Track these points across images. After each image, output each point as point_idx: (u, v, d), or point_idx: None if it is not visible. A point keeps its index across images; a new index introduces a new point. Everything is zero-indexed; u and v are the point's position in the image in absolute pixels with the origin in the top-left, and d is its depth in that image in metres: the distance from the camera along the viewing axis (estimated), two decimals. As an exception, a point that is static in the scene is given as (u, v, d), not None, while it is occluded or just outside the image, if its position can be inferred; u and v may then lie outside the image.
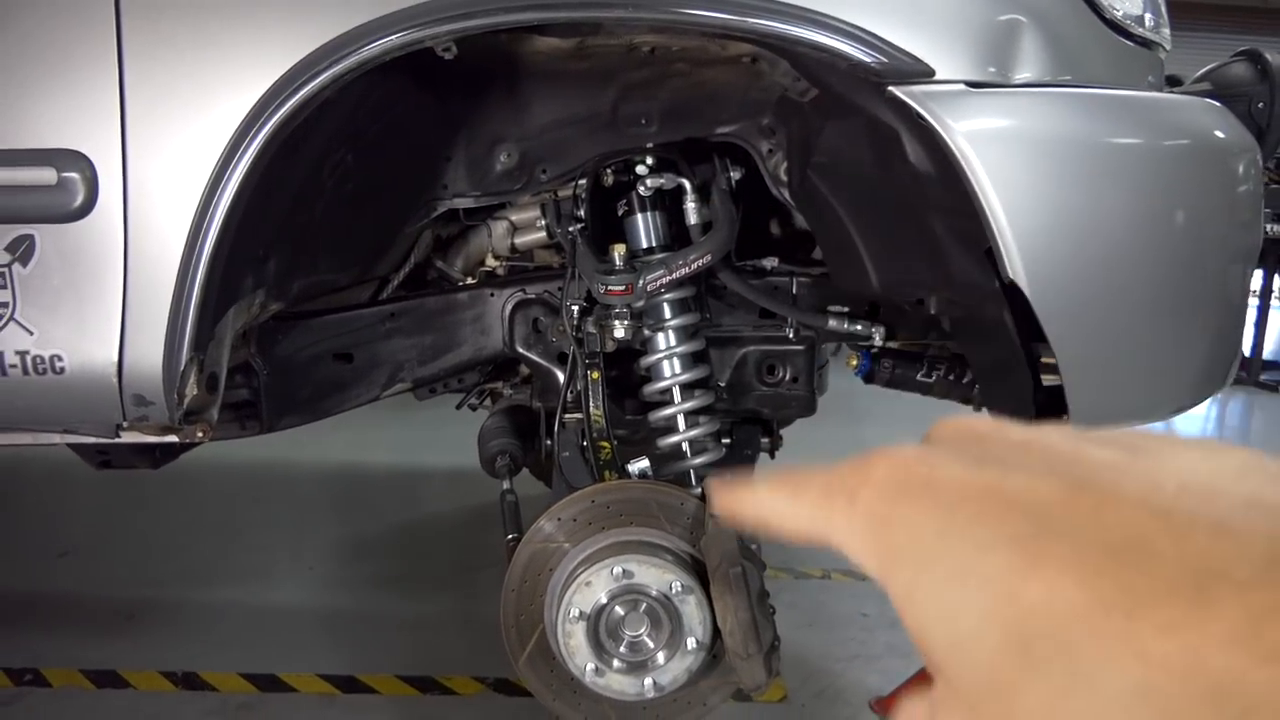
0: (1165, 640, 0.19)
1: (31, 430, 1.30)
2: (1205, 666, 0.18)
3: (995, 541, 0.22)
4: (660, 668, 1.28)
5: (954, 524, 0.23)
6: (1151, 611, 0.19)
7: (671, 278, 1.48)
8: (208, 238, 1.15)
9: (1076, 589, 0.20)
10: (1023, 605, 0.21)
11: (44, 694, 2.19)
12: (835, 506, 0.27)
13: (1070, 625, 0.20)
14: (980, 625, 0.22)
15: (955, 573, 0.23)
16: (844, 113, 1.41)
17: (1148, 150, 1.24)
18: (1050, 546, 0.21)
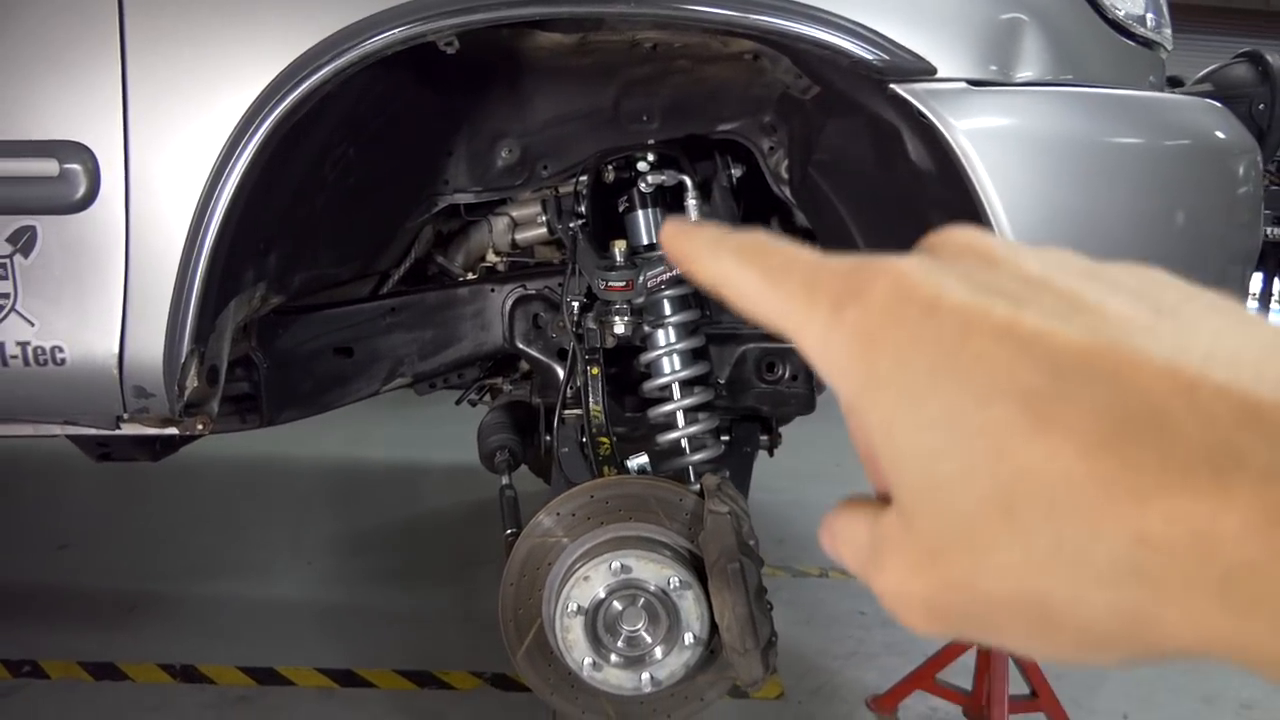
0: (1171, 525, 0.18)
1: (32, 421, 1.30)
2: (1214, 555, 0.17)
3: (999, 393, 0.21)
4: (658, 662, 1.29)
5: (955, 361, 0.21)
6: (1159, 497, 0.18)
7: (672, 274, 1.48)
8: (209, 230, 1.16)
9: (1078, 459, 0.19)
10: (1017, 464, 0.20)
11: (43, 685, 2.20)
12: (815, 313, 0.24)
13: (1065, 496, 0.19)
14: (965, 476, 0.21)
15: (947, 416, 0.21)
16: (845, 110, 1.42)
17: (1148, 150, 1.24)
18: (1057, 409, 0.20)
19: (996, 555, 0.21)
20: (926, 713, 2.07)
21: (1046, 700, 1.98)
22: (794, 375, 1.75)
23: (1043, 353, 0.20)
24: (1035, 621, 0.21)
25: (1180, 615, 0.18)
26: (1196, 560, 0.18)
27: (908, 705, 2.08)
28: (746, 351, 1.73)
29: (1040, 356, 0.20)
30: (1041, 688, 1.99)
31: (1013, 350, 0.21)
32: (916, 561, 0.23)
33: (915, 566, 0.23)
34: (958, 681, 2.05)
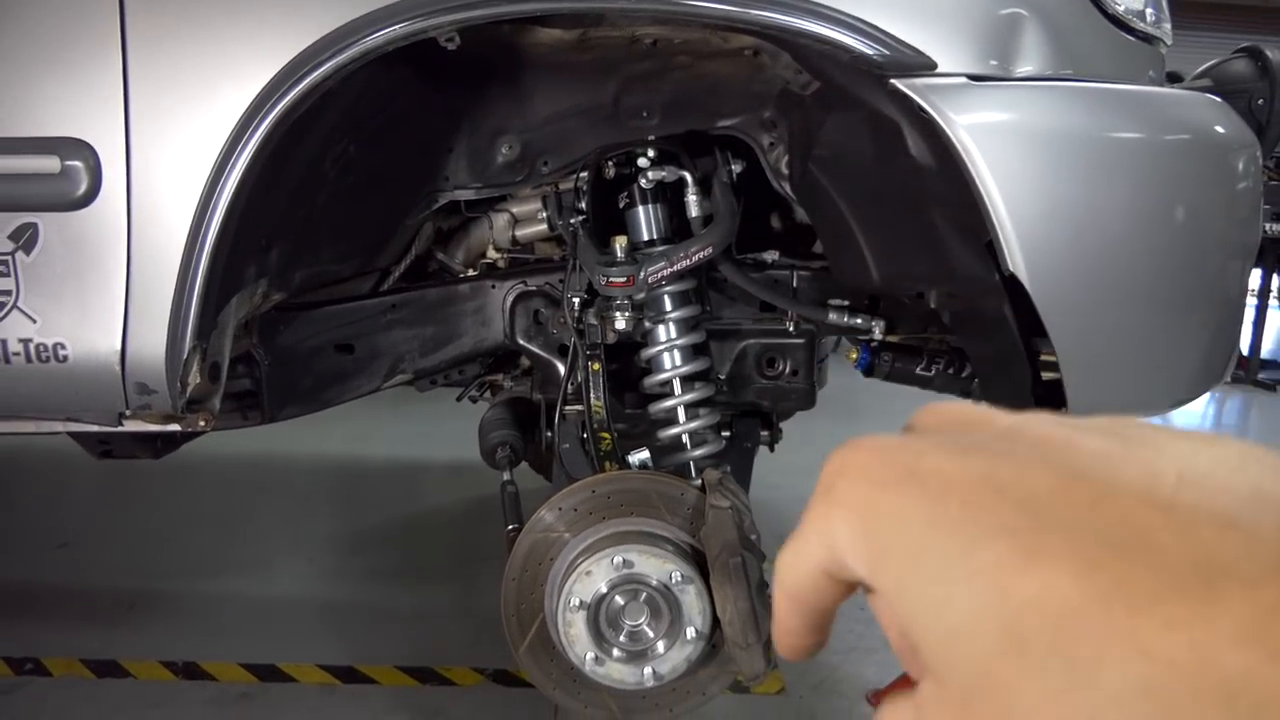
0: (1171, 637, 0.18)
1: (34, 418, 1.31)
2: (1214, 663, 0.18)
3: (986, 534, 0.21)
4: (660, 657, 1.29)
5: (943, 515, 0.22)
6: (1156, 607, 0.19)
7: (672, 270, 1.48)
8: (211, 227, 1.16)
9: (1074, 583, 0.20)
10: (1017, 600, 0.20)
11: (45, 683, 2.20)
12: (819, 513, 0.25)
13: (1068, 621, 0.20)
14: (973, 621, 0.21)
15: (945, 566, 0.22)
16: (845, 106, 1.42)
17: (1148, 145, 1.25)
18: (1045, 540, 0.21)
19: (1020, 695, 0.21)
20: None
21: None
22: (794, 370, 1.75)
23: (1021, 493, 0.21)
24: None
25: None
26: (1197, 671, 0.18)
27: (908, 700, 2.08)
28: (747, 347, 1.74)
29: (1019, 497, 0.21)
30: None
31: (992, 496, 0.22)
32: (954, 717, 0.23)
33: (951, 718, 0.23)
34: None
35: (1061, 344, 1.23)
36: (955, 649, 0.22)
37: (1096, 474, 0.21)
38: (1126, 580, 0.19)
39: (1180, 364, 1.41)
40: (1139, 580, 0.19)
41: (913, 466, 0.24)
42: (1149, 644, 0.19)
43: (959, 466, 0.23)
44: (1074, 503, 0.21)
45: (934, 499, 0.23)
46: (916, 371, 1.76)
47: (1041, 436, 0.24)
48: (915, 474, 0.23)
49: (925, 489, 0.23)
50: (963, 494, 0.22)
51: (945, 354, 1.78)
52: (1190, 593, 0.18)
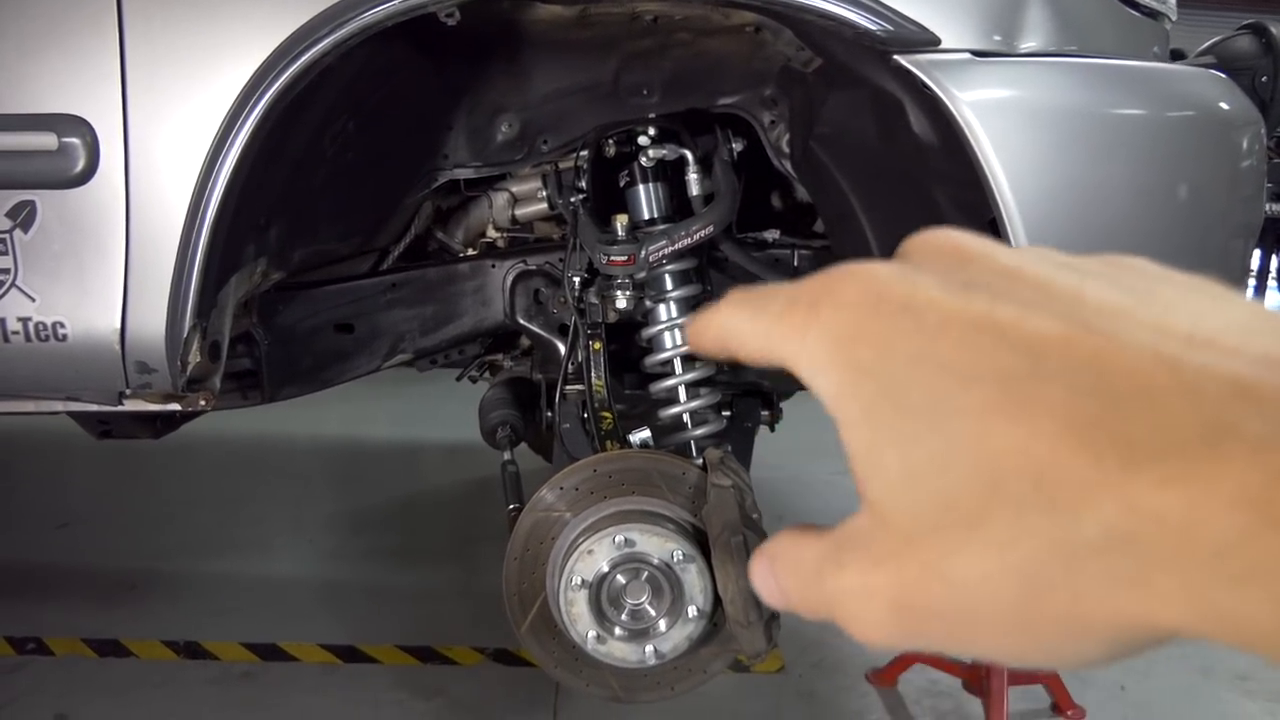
0: (1163, 493, 0.18)
1: (34, 398, 1.30)
2: (1206, 524, 0.17)
3: (980, 376, 0.20)
4: (661, 635, 1.29)
5: (935, 350, 0.21)
6: (1153, 464, 0.18)
7: (674, 248, 1.48)
8: (210, 204, 1.15)
9: (1065, 434, 0.19)
10: (999, 444, 0.20)
11: (47, 662, 2.21)
12: (794, 322, 0.24)
13: (1053, 469, 0.19)
14: (946, 457, 0.21)
15: (928, 402, 0.21)
16: (848, 83, 1.41)
17: (1153, 121, 1.24)
18: (1042, 389, 0.20)
19: (978, 532, 0.20)
20: (927, 685, 2.09)
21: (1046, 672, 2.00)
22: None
23: (1020, 339, 0.20)
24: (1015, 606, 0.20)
25: (1170, 589, 0.18)
26: (1190, 527, 0.17)
27: (907, 678, 2.10)
28: (748, 327, 1.73)
29: (1018, 342, 0.20)
30: (1040, 660, 2.00)
31: (991, 338, 0.21)
32: (886, 554, 0.22)
33: (883, 559, 0.22)
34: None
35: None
36: (915, 484, 0.21)
37: (1104, 328, 0.20)
38: (1125, 436, 0.19)
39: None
40: (1138, 436, 0.18)
41: (909, 298, 0.22)
42: (1139, 498, 0.18)
43: (959, 303, 0.22)
44: (1078, 354, 0.20)
45: (928, 334, 0.22)
46: (917, 351, 1.76)
47: (1046, 281, 0.22)
48: (910, 306, 0.22)
49: (920, 323, 0.22)
50: (960, 332, 0.21)
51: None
52: (1192, 452, 0.18)
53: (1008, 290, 0.22)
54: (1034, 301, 0.22)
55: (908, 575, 0.22)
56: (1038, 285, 0.22)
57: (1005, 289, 0.22)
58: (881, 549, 0.22)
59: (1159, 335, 0.20)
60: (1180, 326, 0.20)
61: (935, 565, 0.21)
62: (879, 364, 0.22)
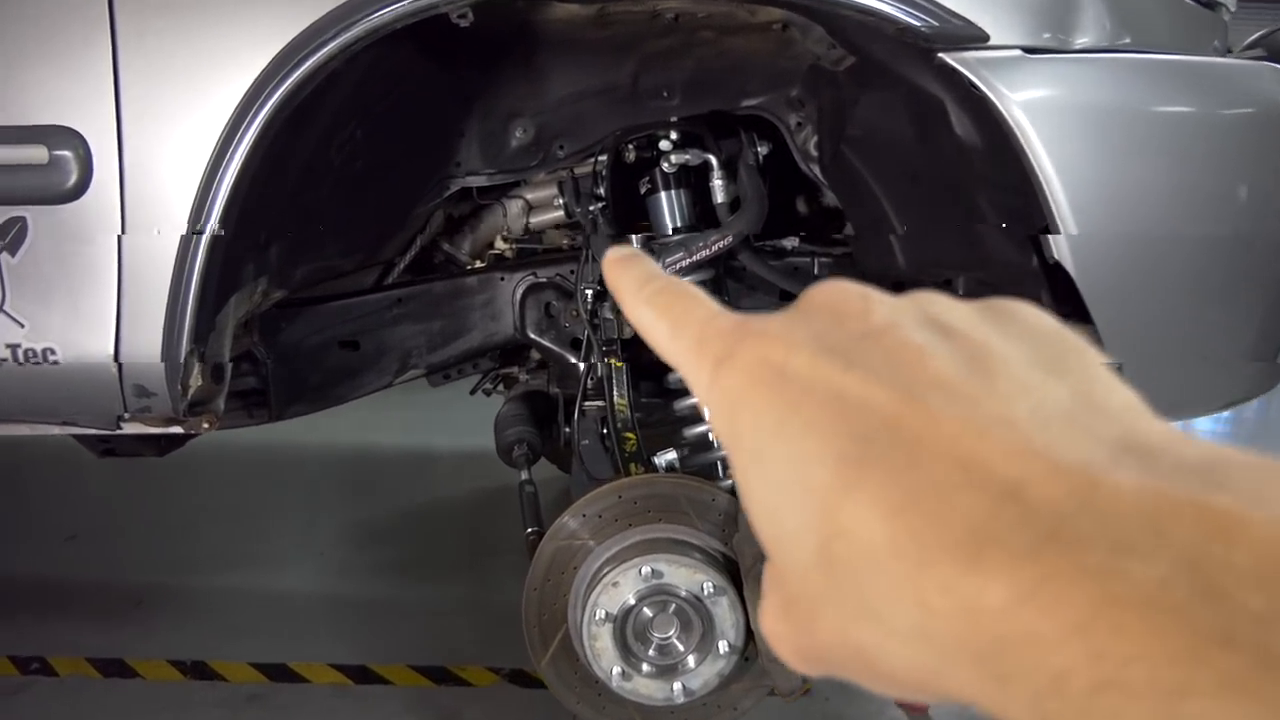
0: (944, 597, 0.19)
1: (28, 422, 1.24)
2: (978, 630, 0.19)
3: (822, 455, 0.22)
4: (690, 672, 1.22)
5: (790, 424, 0.23)
6: (935, 567, 0.20)
7: (691, 260, 1.40)
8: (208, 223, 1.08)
9: (879, 525, 0.21)
10: (834, 527, 0.22)
11: (51, 684, 2.15)
12: (701, 371, 0.27)
13: (867, 559, 0.21)
14: (798, 533, 0.23)
15: (783, 476, 0.23)
16: (883, 82, 1.33)
17: (1213, 120, 1.16)
18: (867, 474, 0.21)
19: (824, 607, 0.22)
20: (959, 711, 2.01)
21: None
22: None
23: (857, 416, 0.22)
24: (862, 667, 0.23)
25: (956, 680, 0.20)
26: (964, 631, 0.19)
27: (939, 700, 2.02)
28: (771, 338, 1.65)
29: (854, 420, 0.22)
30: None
31: (834, 413, 0.22)
32: (780, 607, 0.25)
33: (780, 611, 0.25)
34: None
35: (1110, 337, 1.15)
36: (780, 554, 0.23)
37: (926, 406, 0.22)
38: (918, 534, 0.20)
39: (1234, 362, 1.32)
40: (928, 536, 0.20)
41: (783, 365, 0.24)
42: (928, 600, 0.19)
43: (818, 373, 0.24)
44: (899, 437, 0.21)
45: (789, 406, 0.23)
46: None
47: (899, 345, 0.24)
48: (783, 373, 0.24)
49: (784, 394, 0.24)
50: (811, 407, 0.23)
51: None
52: (962, 559, 0.19)
53: (861, 357, 0.24)
54: (878, 371, 0.23)
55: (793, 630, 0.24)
56: (889, 349, 0.24)
57: (860, 355, 0.24)
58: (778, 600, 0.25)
59: (968, 419, 0.21)
60: (993, 407, 0.22)
61: (806, 627, 0.23)
62: (751, 434, 0.24)
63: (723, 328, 0.27)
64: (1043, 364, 0.23)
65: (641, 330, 0.30)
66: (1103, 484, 0.19)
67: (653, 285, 0.30)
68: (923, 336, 0.24)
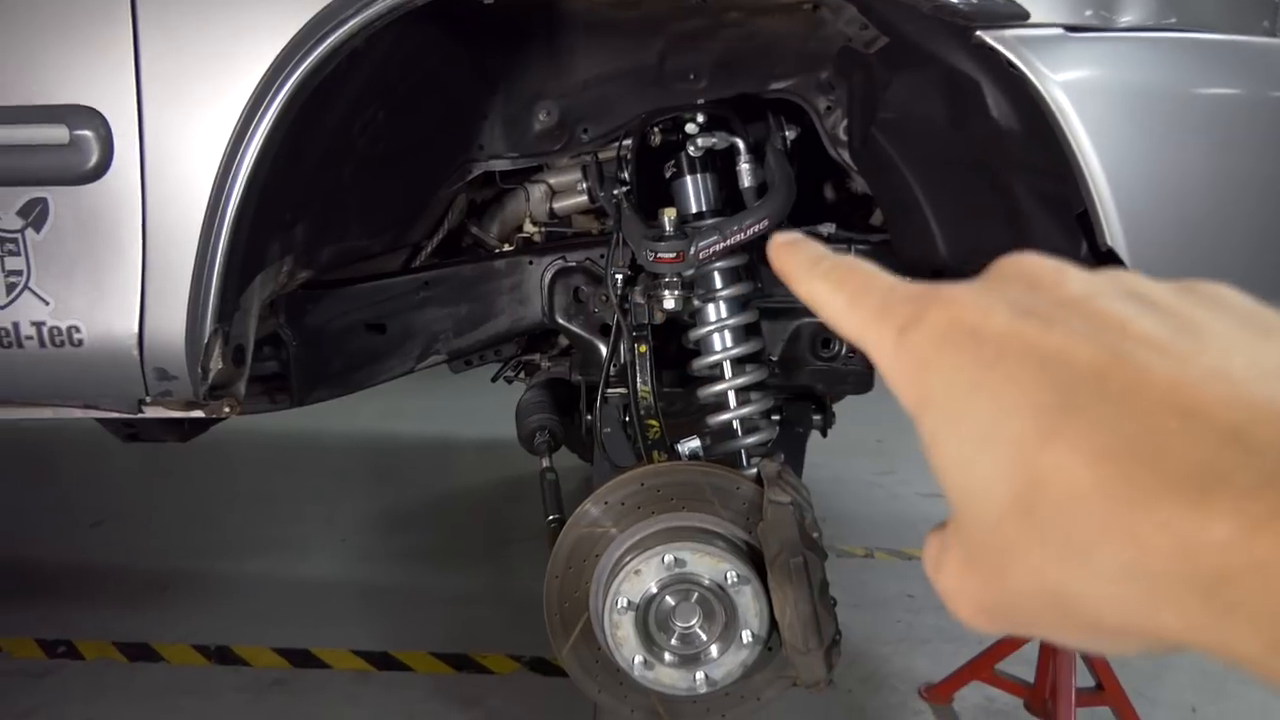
0: (1162, 534, 0.20)
1: (51, 404, 1.23)
2: (1199, 563, 0.19)
3: (1021, 407, 0.22)
4: (713, 661, 1.20)
5: (987, 381, 0.24)
6: (1152, 506, 0.20)
7: (726, 244, 1.38)
8: (231, 200, 1.07)
9: (1084, 470, 0.21)
10: (1033, 473, 0.22)
11: (78, 666, 2.17)
12: (884, 335, 0.27)
13: (1073, 502, 0.21)
14: (991, 484, 0.23)
15: (979, 430, 0.23)
16: (917, 63, 1.29)
17: (1265, 103, 1.11)
18: (1069, 423, 0.22)
19: (1021, 554, 0.23)
20: (983, 703, 1.98)
21: (1113, 692, 1.88)
22: (851, 351, 1.64)
23: (1060, 370, 0.23)
24: (1057, 614, 0.23)
25: (1173, 615, 0.20)
26: (1184, 566, 0.19)
27: (963, 695, 1.99)
28: (801, 327, 1.62)
29: (1057, 374, 0.22)
30: (1108, 679, 1.89)
31: (1035, 368, 0.23)
32: (965, 562, 0.25)
33: (964, 566, 0.25)
34: (1016, 672, 1.95)
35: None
36: (970, 506, 0.24)
37: (1135, 361, 0.22)
38: (1132, 476, 0.20)
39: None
40: (1144, 478, 0.20)
41: (977, 326, 0.25)
42: (1143, 538, 0.20)
43: (1016, 333, 0.24)
44: (1106, 388, 0.22)
45: (985, 364, 0.24)
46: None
47: (1100, 310, 0.24)
48: (976, 334, 0.25)
49: (981, 352, 0.24)
50: (1010, 364, 0.23)
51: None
52: (1185, 497, 0.20)
53: (1062, 319, 0.24)
54: (1081, 331, 0.23)
55: (979, 583, 0.25)
56: (1091, 314, 0.24)
57: (1061, 318, 0.24)
58: (961, 555, 0.25)
59: (1182, 372, 0.21)
60: (1207, 362, 0.22)
61: (995, 578, 0.24)
62: (944, 391, 0.25)
63: (909, 293, 0.27)
64: (1251, 329, 0.24)
65: (817, 305, 0.30)
66: None
67: (827, 262, 0.31)
68: (1123, 305, 0.24)
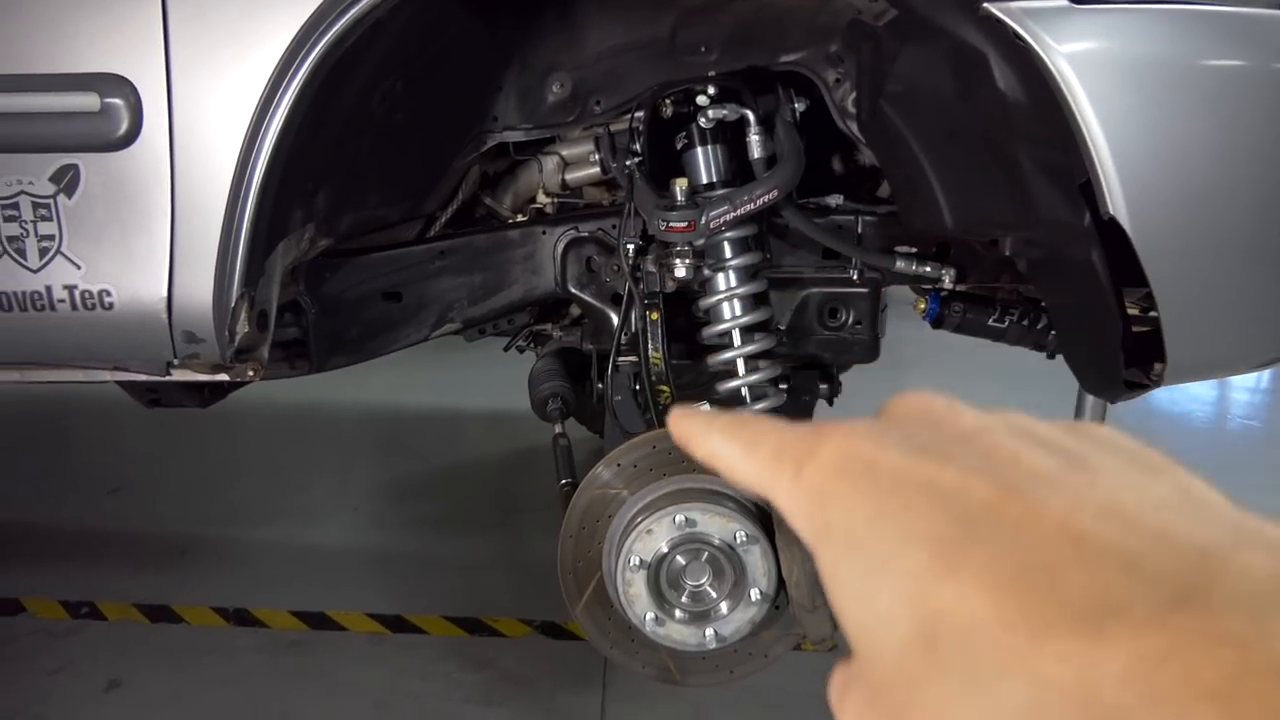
0: (1060, 668, 0.19)
1: (82, 367, 1.27)
2: (1097, 699, 0.19)
3: (918, 539, 0.23)
4: (723, 618, 1.24)
5: (884, 512, 0.24)
6: (1050, 639, 0.20)
7: (736, 214, 1.40)
8: (257, 167, 1.10)
9: (984, 601, 0.21)
10: (933, 606, 0.22)
11: (100, 627, 2.23)
12: (782, 474, 0.27)
13: (974, 635, 0.21)
14: (892, 616, 0.23)
15: (877, 561, 0.23)
16: (925, 36, 1.31)
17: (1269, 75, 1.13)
18: (968, 555, 0.22)
19: (922, 690, 0.22)
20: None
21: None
22: (857, 321, 1.67)
23: (956, 504, 0.23)
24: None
25: None
26: (1083, 701, 0.19)
27: (965, 659, 2.03)
28: (808, 296, 1.66)
29: (953, 507, 0.23)
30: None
31: (931, 501, 0.23)
32: (867, 700, 0.24)
33: (866, 705, 0.24)
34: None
35: (1164, 295, 1.14)
36: (874, 639, 0.23)
37: (1029, 494, 0.22)
38: (1029, 608, 0.20)
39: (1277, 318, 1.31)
40: (1040, 610, 0.20)
41: (872, 460, 0.25)
42: (1041, 671, 0.19)
43: (911, 467, 0.24)
44: (1001, 521, 0.22)
45: (883, 495, 0.24)
46: (989, 323, 1.67)
47: (993, 446, 0.25)
48: (872, 468, 0.25)
49: (877, 484, 0.24)
50: (907, 495, 0.24)
51: (1019, 304, 1.69)
52: (1082, 629, 0.19)
53: (957, 454, 0.24)
54: (976, 466, 0.24)
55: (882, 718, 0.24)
56: (984, 450, 0.25)
57: (955, 453, 0.24)
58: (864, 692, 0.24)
59: (1074, 507, 0.22)
60: (1100, 495, 0.22)
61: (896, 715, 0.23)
62: (843, 523, 0.25)
63: (802, 433, 0.28)
64: (1138, 467, 0.24)
65: (715, 461, 0.31)
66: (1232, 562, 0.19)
67: (720, 420, 0.31)
68: (1015, 441, 0.25)
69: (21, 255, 1.15)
